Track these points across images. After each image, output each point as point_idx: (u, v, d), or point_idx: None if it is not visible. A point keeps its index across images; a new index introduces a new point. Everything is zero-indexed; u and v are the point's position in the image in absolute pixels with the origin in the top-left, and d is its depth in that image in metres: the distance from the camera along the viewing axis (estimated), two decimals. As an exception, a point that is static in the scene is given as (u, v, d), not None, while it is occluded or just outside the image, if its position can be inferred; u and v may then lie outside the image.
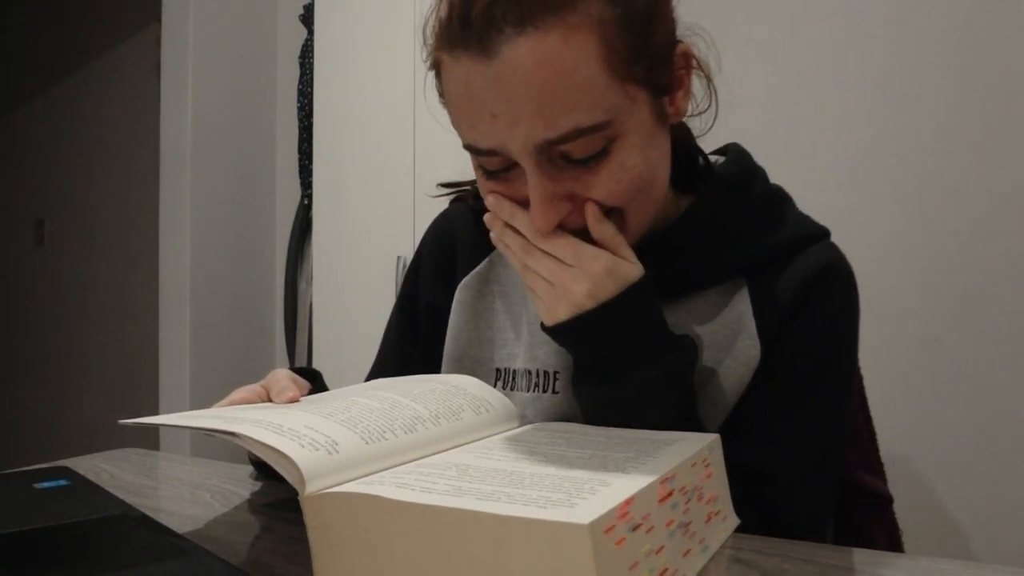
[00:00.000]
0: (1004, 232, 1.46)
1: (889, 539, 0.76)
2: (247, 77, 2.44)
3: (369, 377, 0.80)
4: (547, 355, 0.66)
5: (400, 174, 1.91)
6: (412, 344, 0.77)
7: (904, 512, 0.80)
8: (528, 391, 0.66)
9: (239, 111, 2.41)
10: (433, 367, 0.74)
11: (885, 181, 1.57)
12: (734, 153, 0.68)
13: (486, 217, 0.59)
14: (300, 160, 2.38)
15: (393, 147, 1.93)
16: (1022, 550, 1.42)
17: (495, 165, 0.56)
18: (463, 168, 0.80)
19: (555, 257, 0.55)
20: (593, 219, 0.55)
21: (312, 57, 2.15)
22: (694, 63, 0.60)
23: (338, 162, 2.05)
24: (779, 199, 0.67)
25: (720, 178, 0.65)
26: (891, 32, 1.57)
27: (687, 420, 0.57)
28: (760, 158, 0.69)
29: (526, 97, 0.50)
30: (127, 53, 2.93)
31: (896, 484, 0.79)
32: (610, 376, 0.57)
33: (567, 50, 0.49)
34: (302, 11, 2.37)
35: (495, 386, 0.69)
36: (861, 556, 0.45)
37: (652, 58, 0.54)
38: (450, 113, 0.57)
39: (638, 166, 0.55)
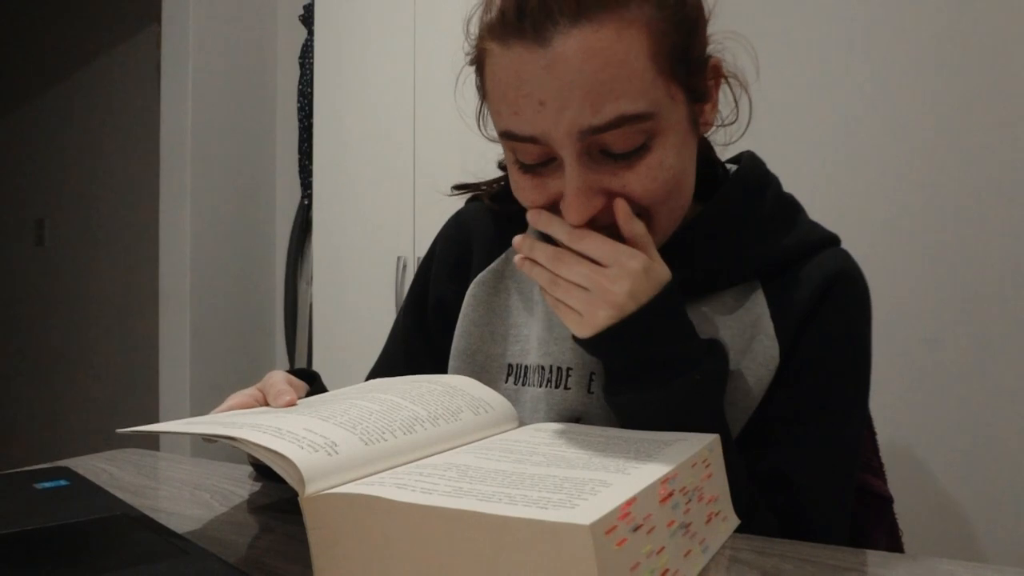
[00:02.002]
0: (1003, 232, 1.46)
1: (889, 539, 0.76)
2: (247, 77, 2.44)
3: (371, 375, 0.79)
4: (561, 351, 0.66)
5: (400, 174, 1.91)
6: (420, 341, 0.77)
7: (904, 512, 0.80)
8: (540, 386, 0.66)
9: (239, 111, 2.41)
10: (440, 365, 0.74)
11: (884, 182, 1.57)
12: (748, 160, 0.69)
13: (515, 240, 0.58)
14: (300, 160, 2.38)
15: (393, 147, 1.93)
16: (1022, 550, 1.42)
17: (531, 157, 0.56)
18: (463, 167, 0.80)
19: (589, 260, 0.55)
20: (624, 216, 0.55)
21: (312, 57, 2.16)
22: (723, 77, 0.61)
23: (338, 162, 2.05)
24: (791, 206, 0.67)
25: (734, 182, 0.66)
26: (890, 34, 1.57)
27: (721, 425, 0.57)
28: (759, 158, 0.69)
29: (576, 84, 0.51)
30: (127, 53, 2.93)
31: (896, 484, 0.79)
32: (653, 381, 0.56)
33: (619, 43, 0.51)
34: (302, 11, 2.37)
35: (506, 382, 0.69)
36: (861, 556, 0.45)
37: (692, 63, 0.56)
38: (491, 101, 0.58)
39: (675, 167, 0.56)
